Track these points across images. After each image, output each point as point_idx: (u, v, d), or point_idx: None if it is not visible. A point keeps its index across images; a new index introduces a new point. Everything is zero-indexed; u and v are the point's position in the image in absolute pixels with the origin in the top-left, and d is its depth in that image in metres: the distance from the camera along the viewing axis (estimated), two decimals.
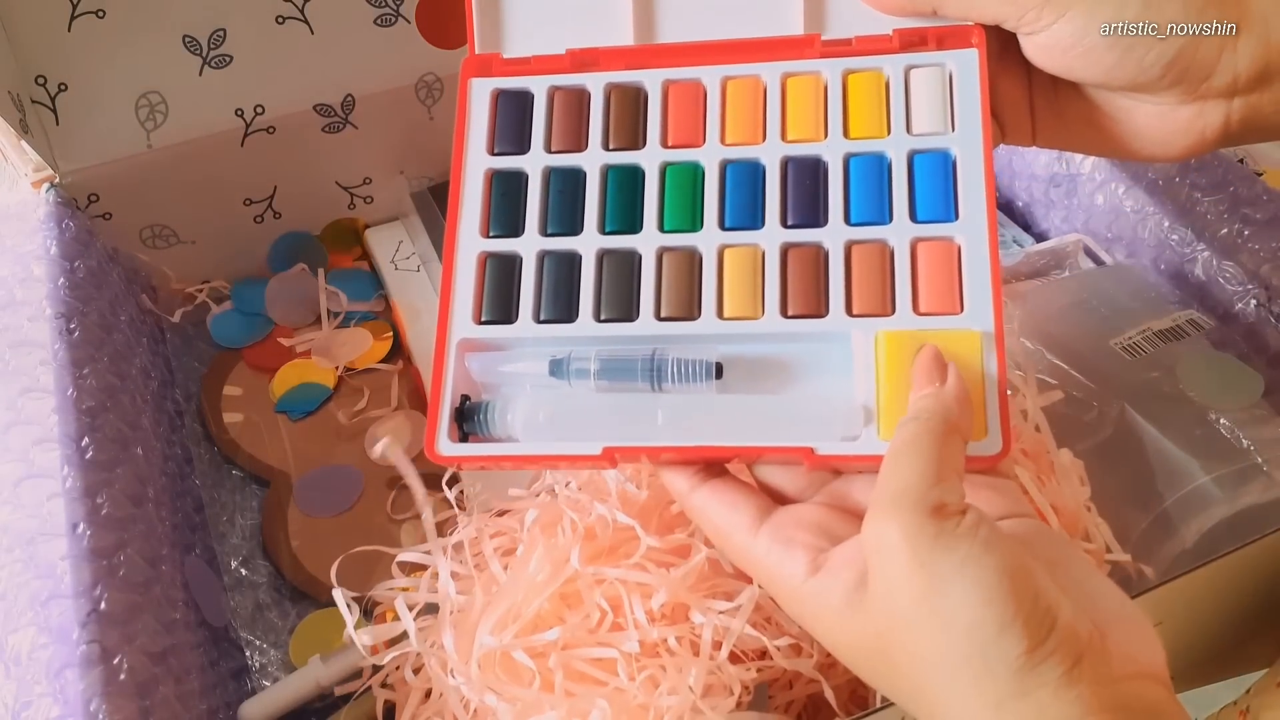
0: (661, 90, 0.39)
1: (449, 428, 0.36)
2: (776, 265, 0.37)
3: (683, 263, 0.37)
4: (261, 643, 0.51)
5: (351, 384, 0.59)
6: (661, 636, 0.38)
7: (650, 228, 0.38)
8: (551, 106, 0.39)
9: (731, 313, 0.36)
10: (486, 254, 0.38)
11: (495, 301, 0.37)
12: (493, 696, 0.38)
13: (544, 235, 0.38)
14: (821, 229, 0.37)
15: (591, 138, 0.39)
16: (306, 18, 0.56)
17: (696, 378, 0.35)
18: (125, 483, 0.44)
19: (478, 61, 0.40)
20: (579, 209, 0.38)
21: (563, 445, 0.35)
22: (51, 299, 0.48)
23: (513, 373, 0.37)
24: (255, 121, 0.57)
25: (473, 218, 0.38)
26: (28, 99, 0.52)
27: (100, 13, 0.52)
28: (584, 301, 0.37)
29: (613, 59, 0.40)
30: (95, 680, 0.36)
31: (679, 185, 0.38)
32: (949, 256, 0.36)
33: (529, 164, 0.39)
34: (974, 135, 0.37)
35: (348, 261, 0.65)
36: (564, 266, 0.37)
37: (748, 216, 0.38)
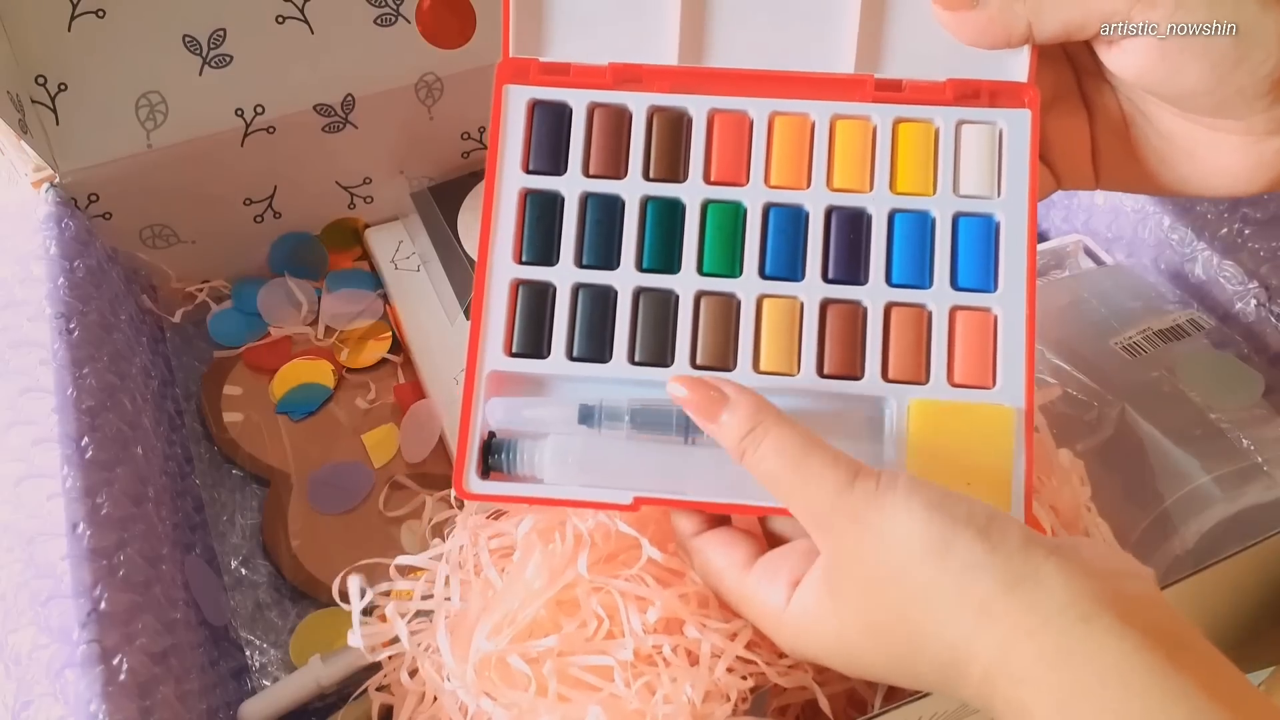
0: (707, 119, 0.38)
1: (479, 465, 0.36)
2: (815, 321, 0.36)
3: (721, 309, 0.37)
4: (261, 643, 0.51)
5: (352, 384, 0.59)
6: (657, 645, 0.38)
7: (689, 268, 0.37)
8: (590, 124, 0.38)
9: (768, 367, 0.36)
10: (519, 281, 0.37)
11: (527, 334, 0.37)
12: (488, 701, 0.38)
13: (579, 266, 0.37)
14: (862, 287, 0.37)
15: (632, 164, 0.38)
16: (306, 18, 0.56)
17: None
18: (125, 482, 0.44)
19: (513, 66, 0.38)
20: (615, 241, 0.37)
21: (591, 491, 0.35)
22: (51, 299, 0.48)
23: (541, 422, 0.36)
24: (255, 121, 0.57)
25: (506, 241, 0.37)
26: (28, 99, 0.52)
27: (100, 13, 0.52)
28: (618, 341, 0.37)
29: (657, 79, 0.38)
30: (95, 680, 0.36)
31: (720, 226, 0.37)
32: (985, 328, 0.36)
33: (565, 187, 0.38)
34: (1020, 201, 0.37)
35: (348, 261, 0.65)
36: (599, 302, 0.37)
37: (788, 266, 0.37)
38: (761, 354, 0.36)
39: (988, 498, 0.32)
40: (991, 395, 0.35)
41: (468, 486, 0.36)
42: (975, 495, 0.32)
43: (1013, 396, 0.35)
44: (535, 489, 0.35)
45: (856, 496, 0.31)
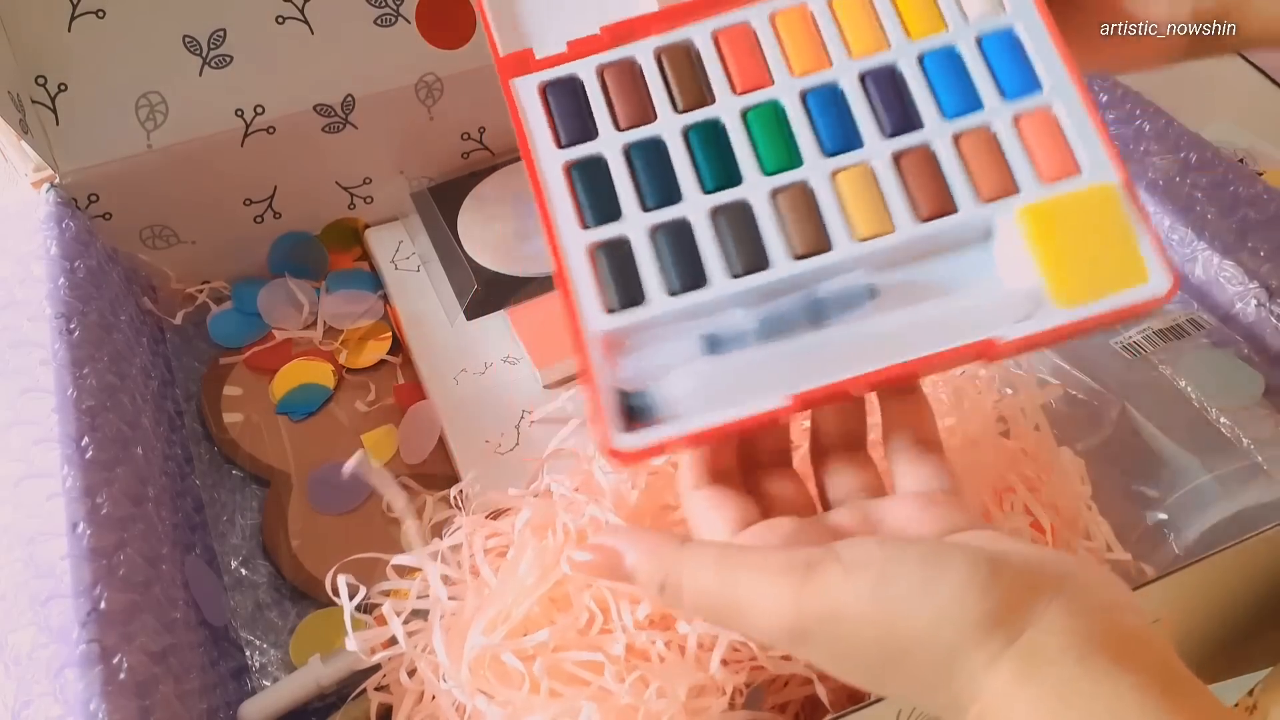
0: (712, 41, 0.39)
1: (620, 423, 0.35)
2: (892, 174, 0.36)
3: (799, 198, 0.37)
4: (261, 643, 0.51)
5: (352, 384, 0.59)
6: (650, 640, 0.38)
7: (752, 175, 0.37)
8: (605, 85, 0.38)
9: (865, 233, 0.36)
10: (594, 244, 0.37)
11: (620, 287, 0.36)
12: (483, 699, 0.38)
13: (646, 210, 0.37)
14: (923, 130, 0.37)
15: (659, 106, 0.38)
16: (306, 18, 0.56)
17: (858, 302, 0.35)
18: (125, 482, 0.44)
19: (512, 61, 0.39)
20: (671, 177, 0.37)
21: (745, 408, 0.34)
22: (51, 299, 0.48)
23: (668, 364, 0.35)
24: (255, 121, 0.57)
25: (567, 215, 0.37)
26: (28, 99, 0.52)
27: (100, 13, 0.52)
28: (711, 262, 0.36)
29: (650, 25, 0.39)
30: (95, 680, 0.36)
31: (766, 126, 0.37)
32: (1050, 123, 0.36)
33: (604, 147, 0.38)
34: (1028, 7, 0.37)
35: (348, 261, 0.65)
36: (679, 234, 0.37)
37: (845, 138, 0.37)
38: (853, 223, 0.36)
39: (1123, 272, 0.34)
40: (1085, 179, 0.36)
41: (618, 446, 0.35)
42: (1111, 274, 0.33)
43: (1104, 173, 0.36)
44: (687, 424, 0.34)
45: (796, 614, 0.29)
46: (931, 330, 0.34)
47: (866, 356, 0.34)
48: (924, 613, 0.28)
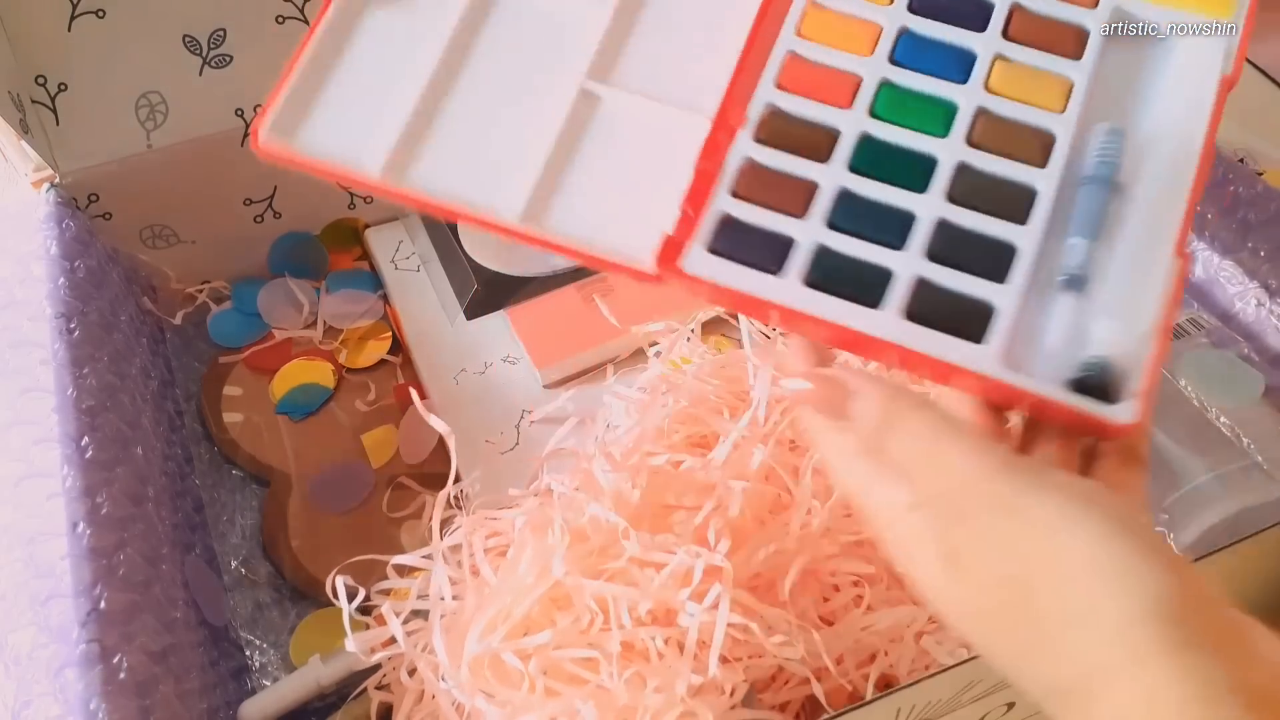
0: (779, 89, 0.37)
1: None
2: (1022, 51, 0.37)
3: (989, 124, 0.36)
4: (261, 643, 0.51)
5: (352, 384, 0.59)
6: (650, 637, 0.38)
7: (936, 144, 0.36)
8: (754, 200, 0.36)
9: (1059, 105, 0.36)
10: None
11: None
12: (483, 699, 0.38)
13: (899, 249, 0.35)
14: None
15: (804, 171, 0.36)
16: (306, 18, 0.56)
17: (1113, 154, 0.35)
18: (125, 482, 0.44)
19: (667, 270, 0.35)
20: (886, 213, 0.36)
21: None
22: (51, 299, 0.48)
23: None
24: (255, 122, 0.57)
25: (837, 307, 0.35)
26: (28, 99, 0.52)
27: (100, 13, 0.52)
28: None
29: (722, 135, 0.37)
30: (95, 679, 0.36)
31: (894, 113, 0.37)
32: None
33: (802, 233, 0.35)
34: None
35: (348, 261, 0.65)
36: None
37: (952, 67, 0.37)
38: (1043, 105, 0.36)
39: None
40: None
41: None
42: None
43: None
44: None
45: (1005, 486, 0.28)
46: None
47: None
48: (1121, 572, 0.26)
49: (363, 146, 0.36)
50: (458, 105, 0.37)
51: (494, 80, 0.38)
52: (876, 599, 0.42)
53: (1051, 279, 0.35)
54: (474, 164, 0.37)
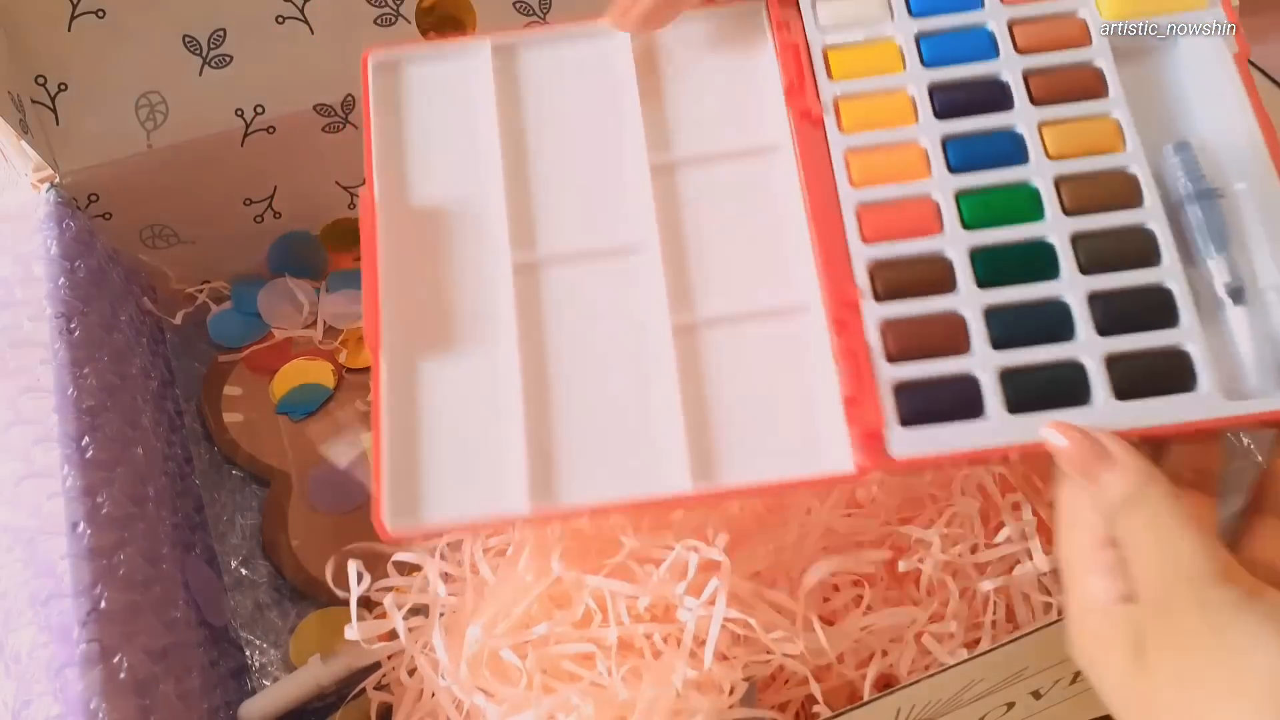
0: (864, 240, 0.37)
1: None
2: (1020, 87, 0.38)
3: (1079, 183, 0.37)
4: (261, 643, 0.51)
5: (352, 384, 0.59)
6: (648, 633, 0.38)
7: (1035, 227, 0.37)
8: (906, 349, 0.36)
9: (1132, 144, 0.37)
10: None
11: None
12: (482, 697, 0.38)
13: (1082, 336, 0.35)
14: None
15: (939, 303, 0.36)
16: (306, 18, 0.56)
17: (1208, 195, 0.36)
18: (125, 482, 0.44)
19: (872, 442, 0.34)
20: (1036, 317, 0.36)
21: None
22: (52, 299, 0.48)
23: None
24: (255, 121, 0.57)
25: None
26: (28, 99, 0.52)
27: (100, 13, 0.52)
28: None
29: (842, 293, 0.36)
30: (95, 679, 0.36)
31: (987, 214, 0.37)
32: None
33: (978, 367, 0.35)
34: None
35: (348, 261, 0.65)
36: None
37: (1007, 151, 0.38)
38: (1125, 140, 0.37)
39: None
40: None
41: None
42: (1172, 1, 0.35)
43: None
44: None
45: (1218, 593, 0.28)
46: None
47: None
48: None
49: (496, 491, 0.35)
50: (564, 408, 0.36)
51: (585, 367, 0.37)
52: (876, 599, 0.42)
53: (1212, 301, 0.35)
54: (616, 453, 0.35)
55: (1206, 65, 0.38)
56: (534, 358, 0.37)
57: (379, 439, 0.35)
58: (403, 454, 0.36)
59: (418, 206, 0.39)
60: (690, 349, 0.37)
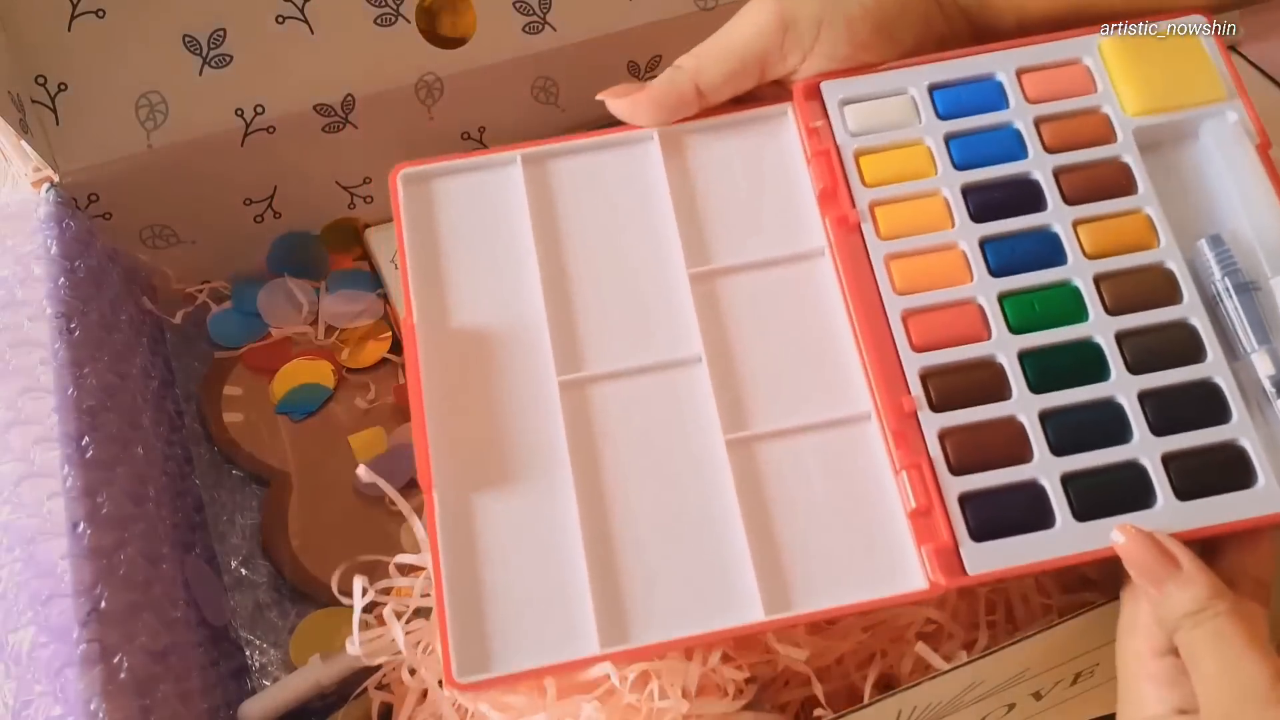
0: (914, 348, 0.37)
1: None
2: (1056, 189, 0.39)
3: (1119, 281, 0.38)
4: (261, 643, 0.51)
5: (352, 384, 0.59)
6: None
7: (1081, 329, 0.37)
8: (974, 463, 0.36)
9: (1169, 239, 0.38)
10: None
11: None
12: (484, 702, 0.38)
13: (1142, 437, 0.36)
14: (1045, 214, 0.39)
15: (994, 412, 0.36)
16: (306, 18, 0.56)
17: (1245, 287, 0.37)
18: (125, 482, 0.44)
19: (947, 560, 0.34)
20: (1094, 421, 0.36)
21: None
22: (52, 299, 0.48)
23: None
24: (255, 121, 0.57)
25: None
26: (28, 99, 0.52)
27: (100, 13, 0.52)
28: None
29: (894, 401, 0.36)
30: (95, 679, 0.36)
31: (1029, 309, 0.37)
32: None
33: (1040, 473, 0.35)
34: None
35: (348, 262, 0.65)
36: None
37: (1045, 252, 0.38)
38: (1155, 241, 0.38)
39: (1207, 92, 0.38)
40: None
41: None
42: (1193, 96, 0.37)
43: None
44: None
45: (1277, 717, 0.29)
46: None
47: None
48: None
49: (565, 634, 0.35)
50: (626, 539, 0.36)
51: (643, 493, 0.36)
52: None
53: (1258, 395, 0.36)
54: (683, 584, 0.35)
55: (1230, 157, 0.39)
56: (590, 487, 0.37)
57: (440, 583, 0.35)
58: (465, 601, 0.35)
59: (458, 328, 0.39)
60: (749, 466, 0.37)
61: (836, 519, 0.36)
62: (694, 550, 0.36)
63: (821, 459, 0.37)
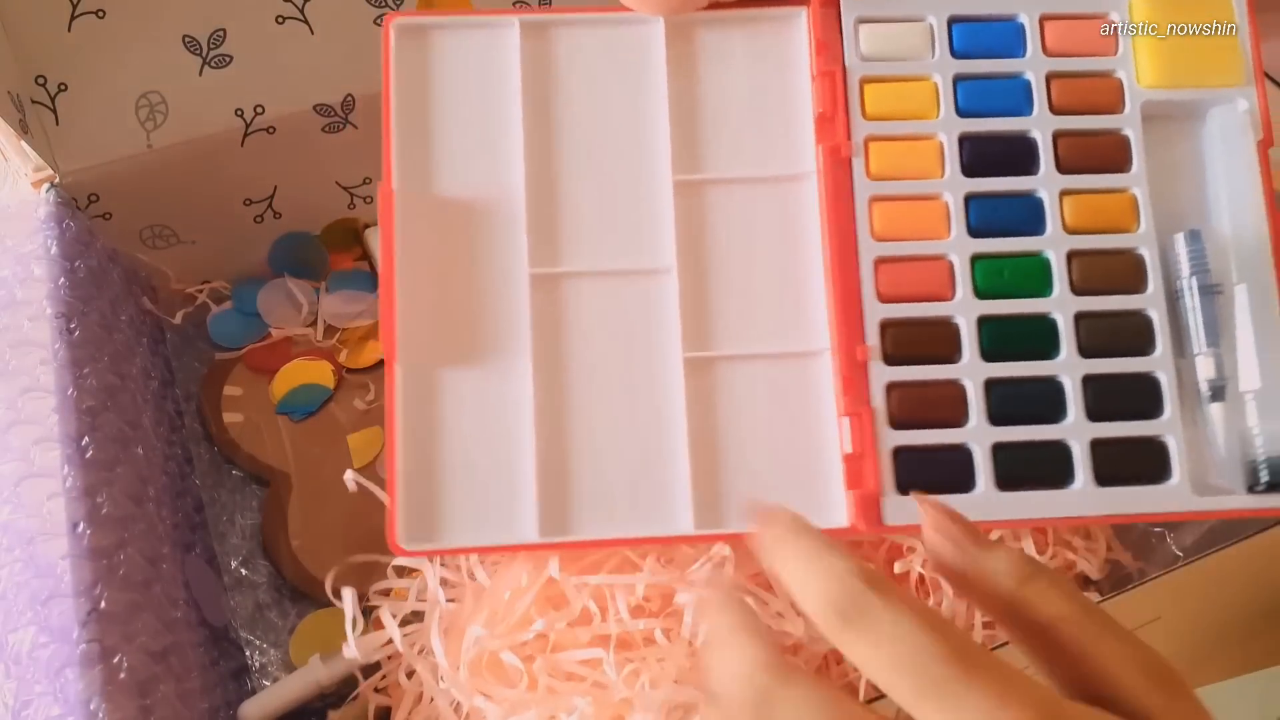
0: (881, 302, 0.37)
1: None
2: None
3: (1086, 261, 0.37)
4: (261, 643, 0.51)
5: (351, 384, 0.59)
6: (648, 629, 0.38)
7: (1044, 302, 0.37)
8: (913, 419, 0.36)
9: (1144, 225, 0.38)
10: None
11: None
12: (481, 699, 0.38)
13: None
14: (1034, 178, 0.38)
15: (944, 376, 0.37)
16: (306, 18, 0.56)
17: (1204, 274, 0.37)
18: (125, 482, 0.44)
19: (869, 506, 0.35)
20: (1032, 395, 0.36)
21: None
22: (52, 299, 0.48)
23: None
24: (255, 121, 0.57)
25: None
26: (28, 99, 0.52)
27: (100, 13, 0.52)
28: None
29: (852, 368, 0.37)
30: (95, 679, 0.36)
31: (997, 274, 0.37)
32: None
33: (970, 436, 0.36)
34: None
35: (348, 262, 0.65)
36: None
37: (1026, 218, 0.38)
38: (1126, 224, 0.38)
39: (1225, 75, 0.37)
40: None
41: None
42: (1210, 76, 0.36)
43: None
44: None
45: None
46: None
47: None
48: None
49: (508, 518, 0.36)
50: (577, 436, 0.37)
51: (599, 395, 0.37)
52: None
53: (1194, 395, 0.36)
54: (624, 489, 0.36)
55: (1230, 148, 0.38)
56: (549, 381, 0.37)
57: (394, 451, 0.35)
58: (418, 472, 0.36)
59: (438, 197, 0.39)
60: (703, 385, 0.37)
61: (777, 448, 0.37)
62: (638, 457, 0.36)
63: (773, 388, 0.37)
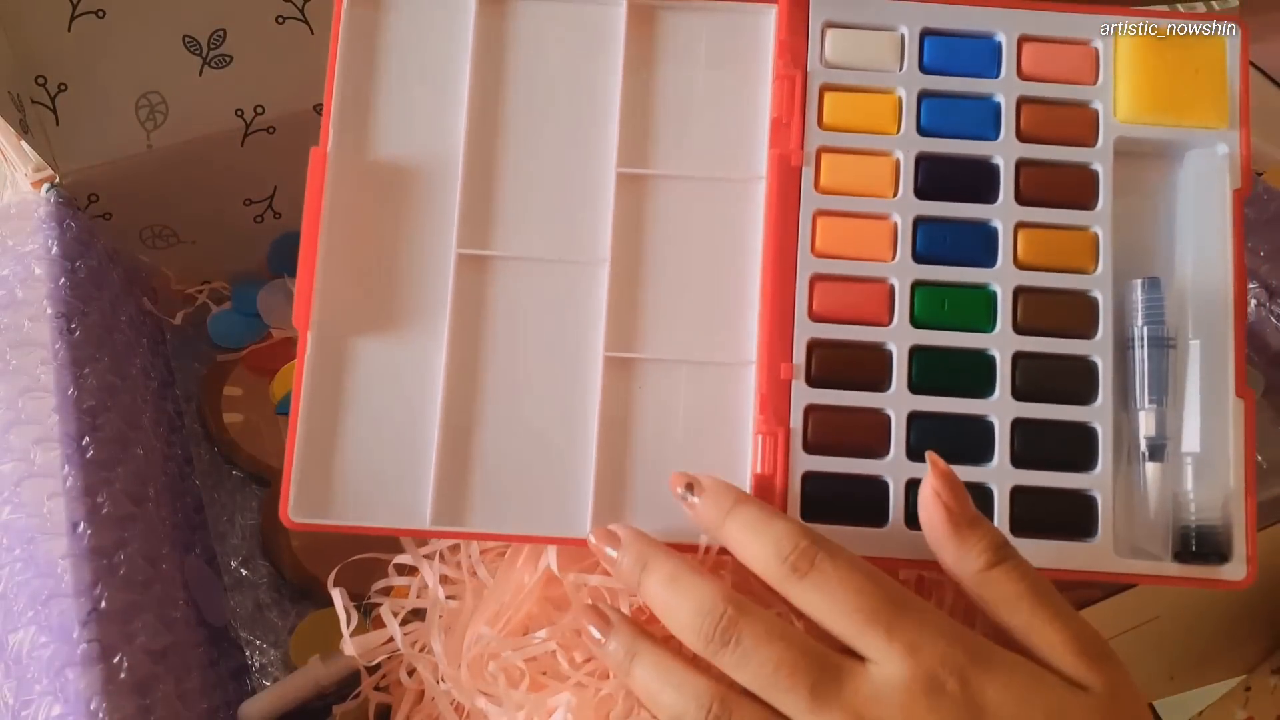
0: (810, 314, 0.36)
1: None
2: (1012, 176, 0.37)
3: (1032, 298, 0.36)
4: (261, 643, 0.51)
5: None
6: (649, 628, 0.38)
7: (984, 339, 0.36)
8: (829, 446, 0.35)
9: (1092, 266, 0.36)
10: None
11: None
12: (482, 699, 0.38)
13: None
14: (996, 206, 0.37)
15: (870, 403, 0.36)
16: (306, 18, 0.56)
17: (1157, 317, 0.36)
18: (125, 482, 0.44)
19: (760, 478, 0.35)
20: (962, 429, 0.35)
21: None
22: (52, 299, 0.48)
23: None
24: (255, 121, 0.57)
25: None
26: (28, 99, 0.52)
27: (100, 13, 0.52)
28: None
29: (774, 365, 0.36)
30: (95, 679, 0.36)
31: (942, 316, 0.36)
32: None
33: (887, 471, 0.35)
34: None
35: None
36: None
37: (977, 248, 0.36)
38: (1081, 262, 0.36)
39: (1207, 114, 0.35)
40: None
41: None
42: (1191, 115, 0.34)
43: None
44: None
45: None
46: None
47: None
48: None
49: (403, 502, 0.35)
50: (484, 425, 0.36)
51: (512, 387, 0.36)
52: None
53: (1132, 450, 0.35)
54: (526, 486, 0.35)
55: (1203, 195, 0.37)
56: (461, 365, 0.36)
57: (296, 419, 0.35)
58: (317, 443, 0.35)
59: (373, 163, 0.37)
60: (621, 387, 0.36)
61: (687, 458, 0.35)
62: (544, 453, 0.35)
63: (693, 397, 0.36)
